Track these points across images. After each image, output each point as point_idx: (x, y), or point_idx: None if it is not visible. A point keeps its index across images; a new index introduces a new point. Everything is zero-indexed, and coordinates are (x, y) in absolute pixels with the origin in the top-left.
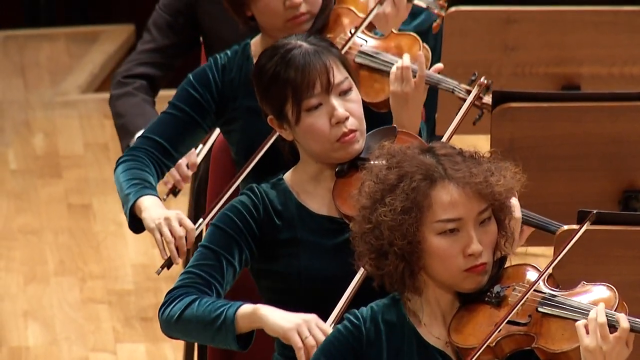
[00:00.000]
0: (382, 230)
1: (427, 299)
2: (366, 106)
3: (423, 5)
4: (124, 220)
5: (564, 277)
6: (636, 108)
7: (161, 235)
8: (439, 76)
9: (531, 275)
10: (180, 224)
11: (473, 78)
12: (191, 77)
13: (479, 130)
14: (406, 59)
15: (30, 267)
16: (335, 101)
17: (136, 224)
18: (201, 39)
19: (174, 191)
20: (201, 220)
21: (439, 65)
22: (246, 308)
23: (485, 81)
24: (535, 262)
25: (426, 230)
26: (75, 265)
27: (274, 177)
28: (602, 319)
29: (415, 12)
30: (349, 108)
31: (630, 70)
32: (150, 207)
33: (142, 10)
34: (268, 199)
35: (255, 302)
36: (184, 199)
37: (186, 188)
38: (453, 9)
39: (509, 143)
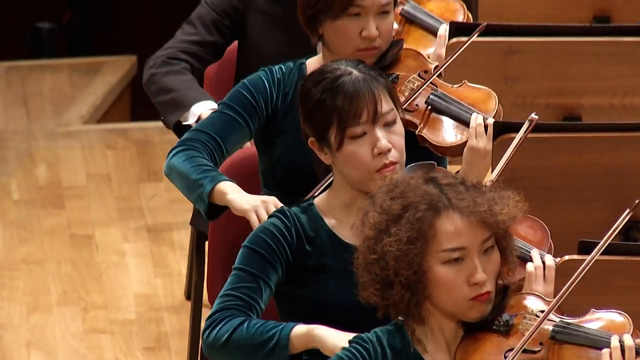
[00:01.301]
0: (388, 261)
1: (431, 328)
2: (411, 139)
3: None
4: (126, 250)
5: (567, 307)
6: (637, 139)
7: (258, 217)
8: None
9: (535, 303)
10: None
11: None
12: (247, 82)
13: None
14: (491, 119)
15: (33, 297)
16: (379, 132)
17: (213, 210)
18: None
19: None
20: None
21: (490, 121)
22: (301, 328)
23: (536, 117)
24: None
25: (431, 260)
26: (77, 295)
27: (304, 201)
28: (630, 342)
29: None
30: (391, 140)
31: (631, 101)
32: (237, 190)
33: (144, 42)
34: (300, 224)
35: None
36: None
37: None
38: (454, 39)
39: (510, 173)
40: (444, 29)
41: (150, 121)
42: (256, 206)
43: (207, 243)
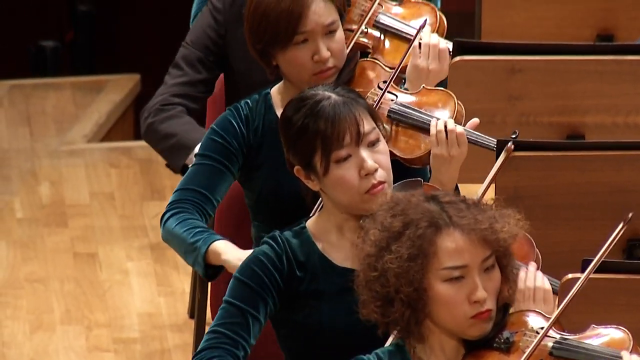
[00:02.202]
0: (389, 278)
1: (432, 346)
2: (395, 159)
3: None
4: (129, 268)
5: (569, 325)
6: None
7: None
8: (477, 133)
9: (536, 321)
10: None
11: (514, 136)
12: (215, 127)
13: (484, 178)
14: (450, 122)
15: (37, 315)
16: (364, 153)
17: (210, 271)
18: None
19: None
20: None
21: (475, 121)
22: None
23: (512, 146)
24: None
25: (432, 278)
26: (81, 313)
27: (296, 224)
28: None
29: None
30: (377, 159)
31: (635, 119)
32: (230, 250)
33: (148, 60)
34: (291, 249)
35: (276, 351)
36: None
37: None
38: (457, 58)
39: (513, 192)
40: (417, 39)
41: None
42: None
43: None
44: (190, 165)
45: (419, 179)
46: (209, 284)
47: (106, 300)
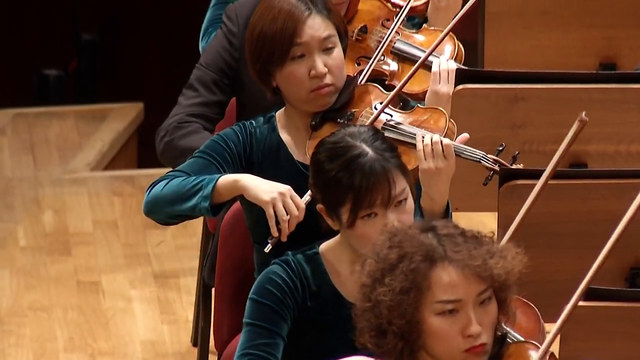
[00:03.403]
0: (381, 310)
1: None
2: None
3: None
4: (132, 296)
5: (570, 353)
6: None
7: (275, 211)
8: (465, 147)
9: (532, 353)
10: (294, 202)
11: (500, 149)
12: (220, 134)
13: (486, 207)
14: (436, 135)
15: (40, 343)
16: (391, 215)
17: (214, 208)
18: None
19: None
20: (307, 195)
21: (465, 136)
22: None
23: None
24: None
25: (425, 311)
26: (84, 341)
27: (309, 248)
28: None
29: None
30: (401, 219)
31: (637, 148)
32: (251, 179)
33: (151, 89)
34: (305, 277)
35: None
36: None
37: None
38: (460, 86)
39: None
40: (437, 65)
41: (157, 168)
42: (274, 199)
43: (213, 290)
44: (188, 159)
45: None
46: (212, 312)
47: (109, 328)
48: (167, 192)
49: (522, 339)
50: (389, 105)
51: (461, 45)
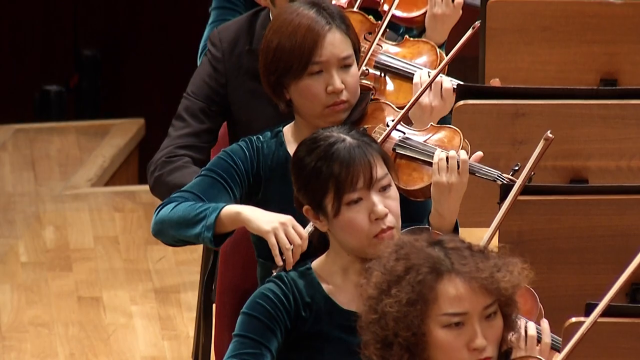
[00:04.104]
0: (387, 321)
1: None
2: (400, 194)
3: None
4: (134, 312)
5: None
6: None
7: (277, 240)
8: (481, 165)
9: None
10: (296, 231)
11: (516, 168)
12: (227, 150)
13: (487, 223)
14: (452, 151)
15: (41, 359)
16: (375, 197)
17: (217, 238)
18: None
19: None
20: (309, 226)
21: (479, 154)
22: (231, 208)
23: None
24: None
25: (431, 323)
26: (85, 357)
27: (302, 265)
28: None
29: None
30: (387, 205)
31: (638, 163)
32: (249, 208)
33: (152, 105)
34: (297, 290)
35: None
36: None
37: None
38: (461, 102)
39: (517, 236)
40: (418, 77)
41: None
42: (276, 229)
43: (214, 305)
44: (195, 177)
45: (427, 226)
46: (213, 328)
47: (110, 344)
48: (173, 216)
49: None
50: (402, 123)
51: (444, 54)
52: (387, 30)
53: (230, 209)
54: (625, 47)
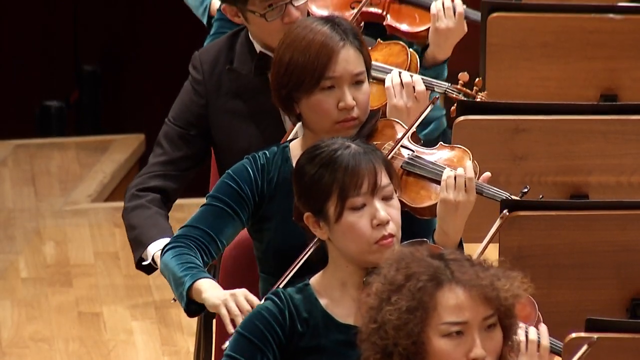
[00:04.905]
0: (387, 330)
1: None
2: (404, 212)
3: (440, 91)
4: (134, 328)
5: None
6: None
7: (227, 310)
8: (489, 186)
9: None
10: (247, 299)
11: (525, 190)
12: (231, 172)
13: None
14: (460, 169)
15: None
16: (378, 204)
17: (192, 307)
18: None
19: None
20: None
21: (487, 174)
22: (198, 285)
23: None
24: None
25: (431, 332)
26: None
27: (301, 281)
28: None
29: (425, 122)
30: (390, 213)
31: (638, 179)
32: (211, 287)
33: (152, 120)
34: (294, 305)
35: None
36: None
37: None
38: (462, 118)
39: (517, 251)
40: (389, 79)
41: None
42: (225, 300)
43: (214, 321)
44: (200, 206)
45: (425, 239)
46: (213, 344)
47: (110, 359)
48: (168, 268)
49: None
50: (411, 141)
51: (415, 55)
52: (364, 33)
53: (197, 285)
54: (626, 63)
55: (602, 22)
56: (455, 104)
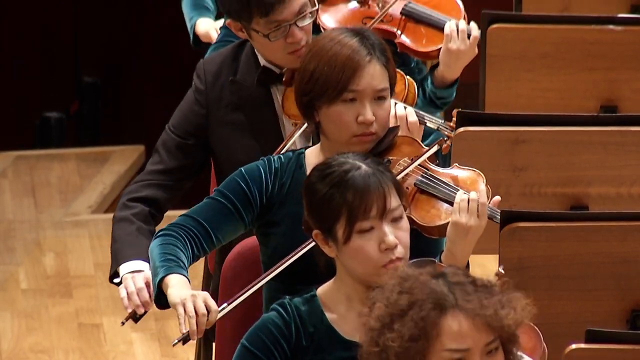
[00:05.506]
0: (389, 355)
1: None
2: (412, 229)
3: (433, 127)
4: (134, 339)
5: None
6: None
7: (184, 310)
8: (496, 209)
9: None
10: (205, 304)
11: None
12: (244, 171)
13: (487, 250)
14: (474, 194)
15: None
16: (386, 227)
17: (162, 299)
18: (211, 160)
19: (134, 317)
20: (225, 305)
21: (497, 198)
22: (169, 279)
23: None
24: None
25: (432, 358)
26: None
27: (307, 292)
28: None
29: (426, 132)
30: (398, 236)
31: (638, 190)
32: (177, 285)
33: (152, 131)
34: (300, 318)
35: None
36: None
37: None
38: (462, 129)
39: (517, 262)
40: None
41: None
42: (184, 299)
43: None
44: (205, 198)
45: (433, 259)
46: (213, 355)
47: None
48: (151, 255)
49: None
50: (427, 160)
51: (414, 85)
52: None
53: (167, 279)
54: (626, 74)
55: (602, 33)
56: (449, 141)
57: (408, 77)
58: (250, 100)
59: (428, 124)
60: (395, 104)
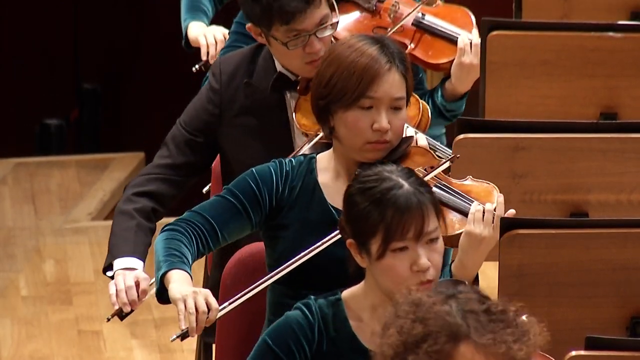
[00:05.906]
0: None
1: None
2: None
3: (441, 156)
4: (134, 345)
5: None
6: None
7: (185, 306)
8: None
9: None
10: (206, 301)
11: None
12: (255, 172)
13: (488, 257)
14: (489, 204)
15: None
16: (421, 249)
17: (163, 294)
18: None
19: (120, 314)
20: (226, 304)
21: (512, 212)
22: (171, 275)
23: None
24: None
25: None
26: None
27: (332, 294)
28: None
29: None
30: (431, 258)
31: (638, 197)
32: (179, 280)
33: (152, 138)
34: (324, 321)
35: None
36: None
37: None
38: (461, 136)
39: (517, 269)
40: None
41: None
42: (185, 296)
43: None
44: (213, 196)
45: (463, 281)
46: (213, 358)
47: None
48: (156, 249)
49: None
50: (441, 172)
51: (428, 110)
52: None
53: (170, 274)
54: (626, 81)
55: (602, 40)
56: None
57: (422, 101)
58: (264, 105)
59: (437, 153)
60: (407, 127)
